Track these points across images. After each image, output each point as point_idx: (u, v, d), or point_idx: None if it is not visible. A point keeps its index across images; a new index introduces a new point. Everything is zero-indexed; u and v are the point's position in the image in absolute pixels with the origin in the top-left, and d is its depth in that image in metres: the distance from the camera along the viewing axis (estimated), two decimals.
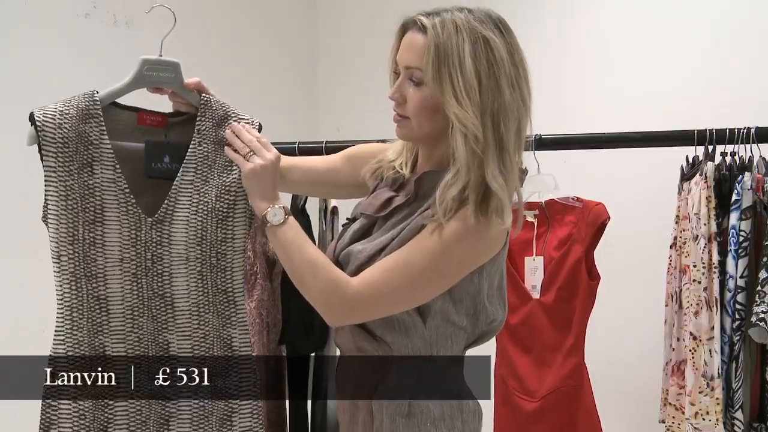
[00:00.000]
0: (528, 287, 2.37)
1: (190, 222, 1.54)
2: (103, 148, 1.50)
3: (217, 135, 1.57)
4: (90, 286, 1.50)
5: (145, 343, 1.53)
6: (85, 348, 1.50)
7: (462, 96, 1.41)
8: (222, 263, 1.56)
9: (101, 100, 1.52)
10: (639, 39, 2.98)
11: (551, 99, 3.06)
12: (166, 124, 1.57)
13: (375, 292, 1.46)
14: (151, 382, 1.53)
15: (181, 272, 1.54)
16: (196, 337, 1.55)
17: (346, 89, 3.74)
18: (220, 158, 1.56)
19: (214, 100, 1.59)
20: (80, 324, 1.50)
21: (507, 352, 2.38)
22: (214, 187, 1.55)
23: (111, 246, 1.50)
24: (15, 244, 2.63)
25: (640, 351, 2.85)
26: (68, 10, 2.83)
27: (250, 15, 3.51)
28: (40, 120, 1.48)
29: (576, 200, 2.36)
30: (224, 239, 1.56)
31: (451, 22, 1.44)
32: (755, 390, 2.17)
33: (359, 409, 1.57)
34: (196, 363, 1.55)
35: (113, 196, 1.50)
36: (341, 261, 1.56)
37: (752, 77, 2.74)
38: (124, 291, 1.51)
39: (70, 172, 1.48)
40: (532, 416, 2.32)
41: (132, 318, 1.52)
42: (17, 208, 2.64)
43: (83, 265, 1.49)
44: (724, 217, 2.19)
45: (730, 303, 2.13)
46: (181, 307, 1.54)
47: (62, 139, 1.47)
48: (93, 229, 1.49)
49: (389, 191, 1.60)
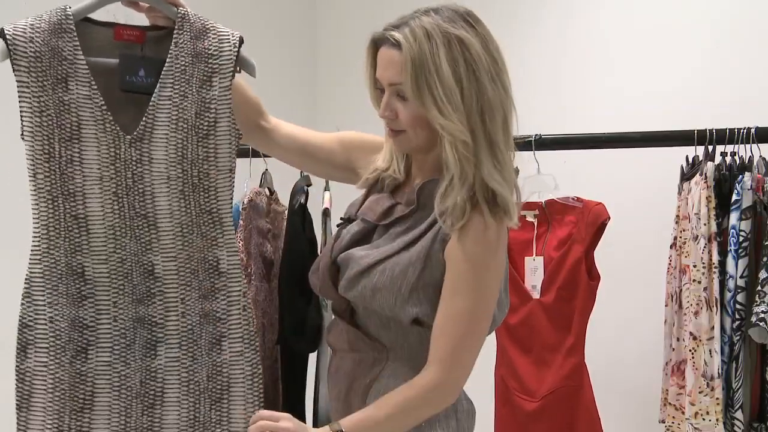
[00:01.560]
0: (528, 287, 2.37)
1: (170, 140, 1.48)
2: (77, 64, 1.45)
3: (195, 48, 1.50)
4: (68, 205, 1.45)
5: (129, 264, 1.48)
6: (62, 267, 1.46)
7: (444, 105, 1.41)
8: (204, 183, 1.50)
9: (75, 14, 1.47)
10: (639, 39, 2.98)
11: (551, 99, 3.09)
12: (145, 39, 1.51)
13: (454, 359, 1.46)
14: (136, 305, 1.49)
15: (162, 191, 1.49)
16: (181, 258, 1.50)
17: (346, 89, 3.72)
18: (198, 72, 1.50)
19: (192, 13, 1.53)
20: (57, 243, 1.46)
21: (507, 352, 2.38)
22: (193, 102, 1.49)
23: (89, 164, 1.45)
24: (15, 244, 2.63)
25: (640, 351, 2.85)
26: None
27: (250, 15, 3.51)
28: (10, 34, 1.43)
29: (576, 200, 2.36)
30: (206, 158, 1.50)
31: (421, 30, 1.42)
32: (755, 390, 2.17)
33: (352, 409, 1.55)
34: (182, 285, 1.50)
35: (89, 113, 1.45)
36: (340, 263, 1.56)
37: (752, 77, 2.74)
38: (105, 210, 1.47)
39: (44, 88, 1.43)
40: (532, 416, 2.32)
41: (114, 238, 1.47)
42: (17, 208, 2.63)
43: (60, 183, 1.44)
44: (724, 217, 2.19)
45: (730, 303, 2.13)
46: (164, 228, 1.49)
47: (34, 53, 1.43)
48: (70, 147, 1.44)
49: (390, 199, 1.59)
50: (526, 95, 3.07)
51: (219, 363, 1.53)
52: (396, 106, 1.49)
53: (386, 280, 1.48)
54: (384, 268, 1.49)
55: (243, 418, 1.53)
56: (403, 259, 1.49)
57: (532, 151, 2.30)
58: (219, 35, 1.54)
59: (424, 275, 1.48)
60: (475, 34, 1.45)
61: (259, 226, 2.32)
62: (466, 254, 1.45)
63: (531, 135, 2.30)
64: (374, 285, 1.48)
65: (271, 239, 2.36)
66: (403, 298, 1.47)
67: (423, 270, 1.48)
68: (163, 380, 1.51)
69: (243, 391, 1.54)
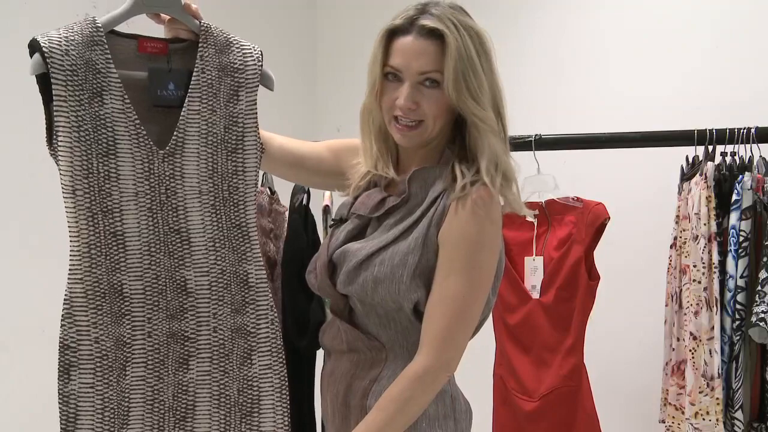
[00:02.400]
0: (528, 287, 2.37)
1: (201, 154, 1.49)
2: (110, 77, 1.43)
3: (221, 62, 1.51)
4: (107, 222, 1.44)
5: (163, 281, 1.48)
6: (104, 286, 1.44)
7: (478, 95, 1.46)
8: (234, 197, 1.51)
9: (103, 26, 1.46)
10: (639, 39, 2.98)
11: (551, 99, 3.09)
12: (168, 51, 1.50)
13: (446, 342, 1.47)
14: (169, 321, 1.49)
15: (195, 206, 1.49)
16: (214, 273, 1.51)
17: (346, 89, 3.73)
18: (225, 86, 1.51)
19: (214, 27, 1.53)
20: (99, 261, 1.43)
21: (506, 352, 2.38)
22: (222, 117, 1.50)
23: (125, 179, 1.45)
24: (15, 244, 2.63)
25: (640, 351, 2.85)
26: (68, 10, 2.82)
27: (250, 15, 3.51)
28: (46, 46, 1.39)
29: (576, 200, 2.36)
30: (235, 172, 1.51)
31: (450, 22, 1.46)
32: (755, 390, 2.17)
33: (351, 410, 1.56)
34: (215, 299, 1.51)
35: (124, 128, 1.44)
36: (335, 260, 1.56)
37: (752, 77, 2.74)
38: (140, 226, 1.46)
39: (81, 102, 1.41)
40: (531, 416, 2.32)
41: (149, 254, 1.47)
42: (17, 209, 2.64)
43: (99, 199, 1.43)
44: (724, 217, 2.19)
45: (730, 303, 2.13)
46: (197, 243, 1.50)
47: (71, 67, 1.40)
48: (107, 162, 1.43)
49: (380, 192, 1.60)
50: (526, 95, 3.09)
51: (249, 377, 1.55)
52: (420, 97, 1.49)
53: (386, 270, 1.49)
54: (383, 259, 1.50)
55: (272, 429, 1.56)
56: (400, 247, 1.50)
57: (532, 151, 2.30)
58: (242, 49, 1.55)
59: (422, 261, 1.49)
60: (479, 26, 1.51)
61: (262, 226, 2.32)
62: (460, 234, 1.47)
63: (531, 135, 2.30)
64: (375, 276, 1.49)
65: (273, 239, 2.36)
66: (406, 287, 1.48)
67: (421, 256, 1.49)
68: (194, 394, 1.52)
69: (272, 403, 1.56)
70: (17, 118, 2.64)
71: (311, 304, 2.31)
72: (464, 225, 1.47)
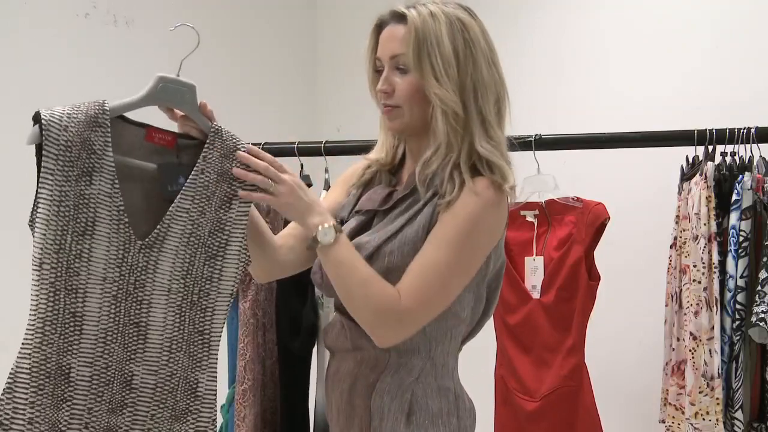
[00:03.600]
0: (528, 287, 2.37)
1: (179, 253, 1.48)
2: (105, 160, 1.43)
3: (222, 167, 1.50)
4: (68, 300, 1.41)
5: (112, 371, 1.45)
6: (52, 366, 1.40)
7: (441, 75, 1.48)
8: (203, 302, 1.50)
9: (111, 110, 1.46)
10: (639, 39, 2.98)
11: (551, 99, 3.09)
12: (175, 145, 1.52)
13: (421, 300, 1.47)
14: (109, 414, 1.45)
15: (160, 303, 1.48)
16: (162, 374, 1.48)
17: (346, 89, 3.73)
18: (220, 191, 1.50)
19: (225, 130, 1.53)
20: (51, 339, 1.40)
21: (507, 352, 2.38)
22: (210, 221, 1.49)
23: (96, 262, 1.43)
24: (15, 244, 2.63)
25: (640, 351, 2.85)
26: (68, 10, 2.83)
27: (250, 15, 3.51)
28: (46, 119, 1.40)
29: (576, 200, 2.36)
30: (210, 278, 1.50)
31: (425, 9, 1.51)
32: (755, 390, 2.17)
33: (355, 409, 1.56)
34: (156, 401, 1.47)
35: (107, 211, 1.43)
36: None
37: (752, 77, 2.74)
38: (101, 312, 1.44)
39: (68, 178, 1.41)
40: (532, 416, 2.32)
41: (104, 342, 1.44)
42: (16, 209, 2.63)
43: (65, 277, 1.41)
44: (724, 217, 2.19)
45: (730, 303, 2.13)
46: (153, 340, 1.47)
47: (65, 142, 1.41)
48: (81, 241, 1.42)
49: (386, 188, 1.62)
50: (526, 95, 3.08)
51: None
52: (394, 81, 1.54)
53: (397, 260, 1.50)
54: (392, 249, 1.51)
55: None
56: (408, 235, 1.51)
57: (532, 151, 2.30)
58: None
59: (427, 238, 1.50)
60: (475, 22, 1.55)
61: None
62: (462, 211, 1.48)
63: (531, 135, 2.30)
64: (386, 267, 1.50)
65: None
66: None
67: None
68: None
69: None
70: (17, 118, 2.64)
71: (304, 307, 2.32)
72: (466, 202, 1.48)
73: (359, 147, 1.90)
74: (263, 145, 2.26)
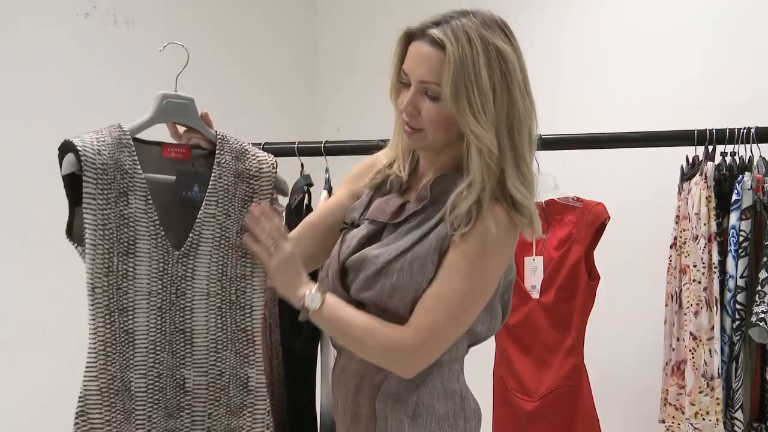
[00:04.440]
0: (528, 287, 2.37)
1: (212, 257, 1.54)
2: (136, 178, 1.48)
3: (237, 168, 1.56)
4: (122, 320, 1.47)
5: (164, 379, 1.51)
6: (118, 383, 1.47)
7: (479, 112, 1.42)
8: (242, 300, 1.56)
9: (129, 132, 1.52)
10: (639, 39, 2.98)
11: (551, 99, 3.07)
12: (191, 156, 1.57)
13: (431, 335, 1.47)
14: (167, 419, 1.51)
15: (201, 307, 1.53)
16: (212, 374, 1.54)
17: (346, 89, 3.74)
18: (240, 191, 1.56)
19: (230, 135, 1.59)
20: (113, 359, 1.46)
21: (506, 352, 2.38)
22: (235, 222, 1.55)
23: (140, 278, 1.49)
24: (15, 244, 2.63)
25: (640, 351, 2.85)
26: (68, 10, 2.82)
27: (250, 15, 3.51)
28: (80, 146, 1.44)
29: (576, 200, 2.36)
30: (243, 276, 1.56)
31: (463, 33, 1.42)
32: (755, 390, 2.17)
33: (361, 410, 1.56)
34: (211, 400, 1.53)
35: (145, 228, 1.49)
36: (350, 267, 1.56)
37: (752, 77, 2.74)
38: (149, 325, 1.50)
39: (108, 201, 1.45)
40: (531, 416, 2.32)
41: (154, 353, 1.50)
42: (17, 209, 2.64)
43: (116, 297, 1.47)
44: (724, 217, 2.19)
45: (730, 303, 2.13)
46: (199, 343, 1.53)
47: (102, 166, 1.45)
48: (126, 261, 1.47)
49: (399, 198, 1.60)
50: None
51: None
52: (421, 104, 1.48)
53: (406, 278, 1.49)
54: (401, 266, 1.49)
55: None
56: (418, 253, 1.49)
57: None
58: (257, 157, 1.59)
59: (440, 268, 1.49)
60: (511, 46, 1.47)
61: None
62: (473, 239, 1.45)
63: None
64: (394, 284, 1.49)
65: None
66: (423, 293, 1.48)
67: (439, 263, 1.49)
68: None
69: None
70: (17, 118, 2.64)
71: None
72: (482, 232, 1.45)
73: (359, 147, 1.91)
74: (263, 145, 2.25)
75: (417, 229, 1.52)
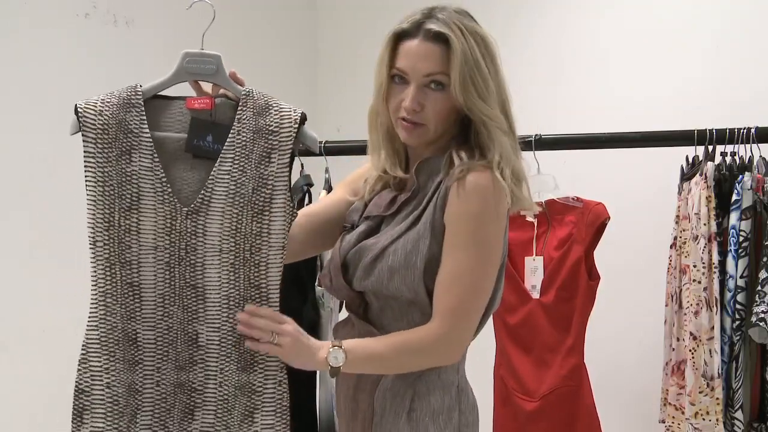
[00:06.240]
0: (528, 287, 2.37)
1: (225, 213, 1.53)
2: (142, 137, 1.51)
3: (257, 124, 1.55)
4: (123, 273, 1.51)
5: (175, 332, 1.53)
6: (118, 333, 1.51)
7: (486, 96, 1.50)
8: (256, 257, 1.54)
9: (145, 91, 1.55)
10: (639, 39, 2.98)
11: (551, 99, 3.08)
12: (214, 105, 1.57)
13: (455, 315, 1.50)
14: (177, 371, 1.53)
15: (213, 264, 1.53)
16: (225, 330, 1.54)
17: (347, 89, 3.73)
18: (258, 147, 1.54)
19: (257, 90, 1.58)
20: (113, 310, 1.51)
21: (507, 352, 2.38)
22: (251, 178, 1.53)
23: (146, 233, 1.51)
24: (15, 244, 2.63)
25: (640, 351, 2.85)
26: (68, 10, 2.82)
27: (251, 15, 3.51)
28: (81, 108, 1.51)
29: (576, 200, 2.36)
30: (259, 233, 1.54)
31: (455, 25, 1.50)
32: (755, 390, 2.17)
33: (359, 405, 1.58)
34: (223, 355, 1.54)
35: (150, 185, 1.51)
36: (350, 260, 1.57)
37: (752, 77, 2.74)
38: (156, 279, 1.53)
39: (108, 159, 1.50)
40: (532, 416, 2.32)
41: (163, 306, 1.53)
42: (17, 209, 2.64)
43: (118, 251, 1.50)
44: (724, 217, 2.19)
45: (730, 303, 2.13)
46: (212, 299, 1.54)
47: (102, 126, 1.50)
48: (128, 216, 1.50)
49: (391, 192, 1.63)
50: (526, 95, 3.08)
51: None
52: (424, 98, 1.53)
53: (401, 258, 1.51)
54: (395, 248, 1.52)
55: None
56: (411, 236, 1.52)
57: (532, 151, 2.30)
58: (281, 111, 1.57)
59: (433, 247, 1.51)
60: (484, 31, 1.55)
61: None
62: (464, 210, 1.49)
63: (531, 135, 2.30)
64: (390, 266, 1.51)
65: None
66: (420, 272, 1.50)
67: (432, 240, 1.51)
68: None
69: None
70: (17, 118, 2.64)
71: (305, 304, 2.31)
72: (466, 202, 1.49)
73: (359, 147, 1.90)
74: None
75: (410, 215, 1.56)
